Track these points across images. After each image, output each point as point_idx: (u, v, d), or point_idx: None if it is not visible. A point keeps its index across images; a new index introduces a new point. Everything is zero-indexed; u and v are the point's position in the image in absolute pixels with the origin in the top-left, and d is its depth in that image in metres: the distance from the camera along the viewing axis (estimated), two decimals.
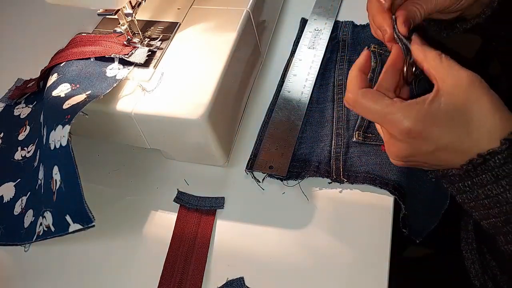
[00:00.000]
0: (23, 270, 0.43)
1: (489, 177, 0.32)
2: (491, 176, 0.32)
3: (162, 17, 0.50)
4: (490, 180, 0.32)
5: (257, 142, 0.47)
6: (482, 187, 0.32)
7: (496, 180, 0.32)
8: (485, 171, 0.32)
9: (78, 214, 0.38)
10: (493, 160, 0.32)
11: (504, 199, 0.32)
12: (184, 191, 0.46)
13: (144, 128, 0.43)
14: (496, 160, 0.32)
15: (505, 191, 0.32)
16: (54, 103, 0.41)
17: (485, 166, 0.32)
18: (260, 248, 0.41)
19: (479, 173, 0.32)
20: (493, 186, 0.32)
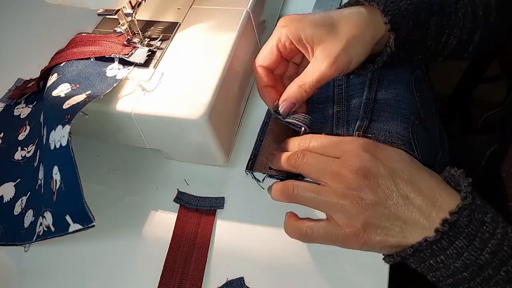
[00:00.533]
0: (23, 270, 0.43)
1: (462, 242, 0.30)
2: (464, 240, 0.30)
3: (162, 17, 0.50)
4: (464, 245, 0.30)
5: (257, 142, 0.47)
6: (459, 257, 0.30)
7: (469, 243, 0.30)
8: (457, 234, 0.30)
9: (78, 214, 0.38)
10: (462, 219, 0.30)
11: (484, 262, 0.30)
12: (184, 191, 0.46)
13: (144, 128, 0.43)
14: (464, 218, 0.30)
15: (481, 252, 0.30)
16: (54, 103, 0.41)
17: (455, 228, 0.30)
18: (260, 248, 0.41)
19: (452, 240, 0.30)
20: (468, 251, 0.30)
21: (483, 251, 0.30)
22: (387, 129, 0.44)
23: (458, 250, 0.30)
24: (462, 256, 0.30)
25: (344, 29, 0.39)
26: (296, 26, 0.39)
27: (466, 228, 0.30)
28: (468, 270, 0.30)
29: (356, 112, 0.46)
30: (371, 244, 0.33)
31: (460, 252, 0.30)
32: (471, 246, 0.30)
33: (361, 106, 0.46)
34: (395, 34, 0.40)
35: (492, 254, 0.30)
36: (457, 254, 0.30)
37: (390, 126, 0.44)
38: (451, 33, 0.43)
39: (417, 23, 0.41)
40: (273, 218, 0.42)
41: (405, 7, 0.40)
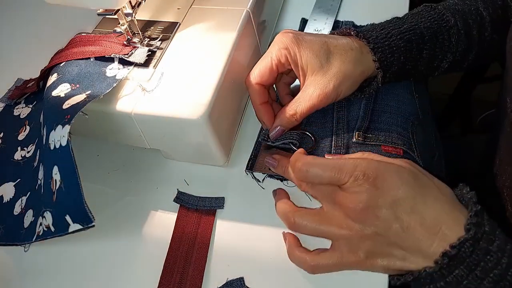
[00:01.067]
0: (23, 270, 0.43)
1: (463, 271, 0.30)
2: (464, 270, 0.30)
3: (162, 17, 0.50)
4: (465, 274, 0.30)
5: (257, 143, 0.47)
6: (458, 285, 0.30)
7: (470, 272, 0.30)
8: (457, 264, 0.30)
9: (78, 214, 0.38)
10: (463, 249, 0.30)
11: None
12: (184, 191, 0.46)
13: (144, 128, 0.43)
14: (466, 249, 0.30)
15: (482, 281, 0.30)
16: (54, 103, 0.41)
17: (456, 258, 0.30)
18: (260, 248, 0.41)
19: (452, 269, 0.30)
20: (468, 280, 0.30)
21: (483, 280, 0.29)
22: (387, 129, 0.44)
23: (458, 278, 0.30)
24: (461, 284, 0.30)
25: (338, 65, 0.40)
26: (295, 51, 0.41)
27: (468, 258, 0.30)
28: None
29: (356, 112, 0.46)
30: (376, 269, 0.35)
31: (459, 281, 0.30)
32: (471, 275, 0.30)
33: (361, 106, 0.46)
34: (382, 72, 0.41)
35: (493, 283, 0.29)
36: (457, 282, 0.30)
37: (390, 126, 0.44)
38: (444, 58, 0.44)
39: (409, 56, 0.42)
40: (273, 218, 0.42)
41: (395, 43, 0.41)
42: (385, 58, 0.41)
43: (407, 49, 0.41)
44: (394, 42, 0.41)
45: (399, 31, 0.42)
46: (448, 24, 0.43)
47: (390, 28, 0.42)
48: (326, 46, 0.41)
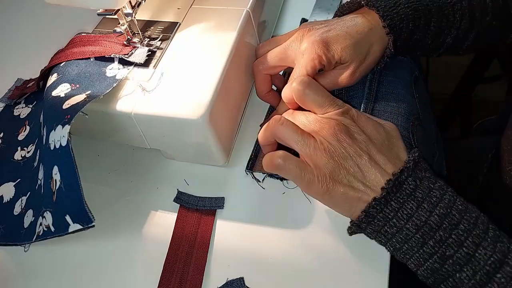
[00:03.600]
0: (23, 270, 0.43)
1: (411, 204, 0.32)
2: (413, 202, 0.32)
3: (162, 17, 0.50)
4: (413, 207, 0.32)
5: (257, 143, 0.47)
6: (409, 218, 0.32)
7: (418, 205, 0.32)
8: (404, 197, 0.32)
9: (78, 214, 0.38)
10: (407, 184, 0.33)
11: (434, 224, 0.32)
12: (184, 191, 0.46)
13: (144, 128, 0.43)
14: (409, 182, 0.33)
15: (431, 214, 0.32)
16: (54, 103, 0.41)
17: (402, 191, 0.33)
18: (260, 248, 0.41)
19: (401, 201, 0.32)
20: (418, 213, 0.32)
21: (432, 213, 0.32)
22: None
23: (408, 211, 0.32)
24: (412, 217, 0.32)
25: (372, 51, 0.43)
26: (326, 57, 0.42)
27: (414, 192, 0.32)
28: (420, 231, 0.32)
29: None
30: (333, 194, 0.35)
31: (410, 213, 0.32)
32: (420, 208, 0.32)
33: (361, 105, 0.46)
34: (393, 36, 0.43)
35: (441, 216, 0.31)
36: (408, 215, 0.32)
37: None
38: (449, 33, 0.45)
39: (417, 25, 0.43)
40: (273, 218, 0.42)
41: (404, 11, 0.43)
42: (394, 25, 0.42)
43: (415, 17, 0.43)
44: (402, 10, 0.42)
45: (406, 0, 0.43)
46: (452, 1, 0.44)
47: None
48: (360, 38, 0.42)
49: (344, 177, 0.35)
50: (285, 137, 0.37)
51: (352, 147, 0.35)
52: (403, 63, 0.50)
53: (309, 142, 0.36)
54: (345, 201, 0.35)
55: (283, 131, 0.37)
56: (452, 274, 0.31)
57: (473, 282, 0.30)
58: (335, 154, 0.35)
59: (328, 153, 0.35)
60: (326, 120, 0.36)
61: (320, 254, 0.39)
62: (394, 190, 0.33)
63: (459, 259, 0.31)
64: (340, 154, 0.35)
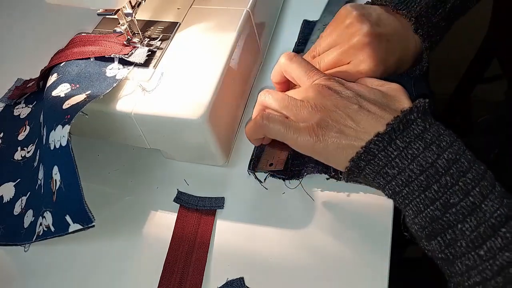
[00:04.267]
0: (23, 270, 0.43)
1: (418, 144, 0.30)
2: (420, 143, 0.30)
3: (162, 17, 0.50)
4: (420, 147, 0.30)
5: None
6: (414, 159, 0.30)
7: (426, 146, 0.30)
8: (412, 137, 0.31)
9: (78, 214, 0.38)
10: (415, 125, 0.31)
11: (441, 167, 0.29)
12: (184, 191, 0.46)
13: (144, 128, 0.43)
14: (418, 123, 0.31)
15: (438, 156, 0.30)
16: (54, 103, 0.41)
17: (409, 131, 0.31)
18: (260, 248, 0.41)
19: (406, 140, 0.31)
20: (424, 154, 0.30)
21: (440, 156, 0.30)
22: None
23: (414, 151, 0.30)
24: (418, 157, 0.30)
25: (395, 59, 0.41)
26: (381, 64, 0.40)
27: (422, 134, 0.30)
28: (425, 173, 0.30)
29: None
30: (325, 143, 0.34)
31: (415, 154, 0.30)
32: (428, 150, 0.30)
33: None
34: (429, 46, 0.42)
35: (449, 161, 0.29)
36: (413, 155, 0.30)
37: None
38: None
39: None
40: (273, 218, 0.42)
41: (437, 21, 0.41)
42: (427, 36, 0.41)
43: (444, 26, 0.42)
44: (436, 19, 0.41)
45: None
46: None
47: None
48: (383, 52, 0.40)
49: (333, 125, 0.34)
50: (273, 104, 0.37)
51: (338, 100, 0.34)
52: None
53: (295, 103, 0.36)
54: (338, 149, 0.33)
55: (271, 98, 0.37)
56: (453, 225, 0.29)
57: (475, 235, 0.28)
58: (321, 107, 0.34)
59: (314, 108, 0.34)
60: (313, 85, 0.36)
61: (320, 254, 0.39)
62: (401, 128, 0.31)
63: (463, 208, 0.28)
64: (326, 106, 0.34)
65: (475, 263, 0.28)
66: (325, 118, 0.34)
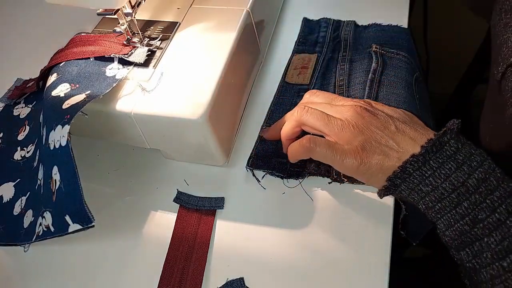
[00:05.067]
0: (23, 270, 0.43)
1: (451, 164, 0.32)
2: (453, 163, 0.32)
3: (161, 16, 0.50)
4: (453, 168, 0.32)
5: (258, 140, 0.47)
6: (447, 178, 0.32)
7: (458, 167, 0.32)
8: (445, 158, 0.32)
9: (77, 214, 0.38)
10: (448, 145, 0.33)
11: (472, 186, 0.31)
12: (184, 191, 0.46)
13: (144, 128, 0.43)
14: (451, 144, 0.33)
15: (469, 176, 0.32)
16: (54, 103, 0.41)
17: (443, 152, 0.33)
18: (260, 248, 0.41)
19: (440, 161, 0.32)
20: (456, 174, 0.32)
21: (471, 176, 0.32)
22: None
23: (446, 171, 0.32)
24: (450, 177, 0.32)
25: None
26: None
27: (455, 155, 0.32)
28: (456, 191, 0.32)
29: None
30: (369, 165, 0.35)
31: (448, 173, 0.32)
32: (459, 170, 0.32)
33: None
34: None
35: (479, 180, 0.31)
36: (446, 175, 0.32)
37: None
38: None
39: None
40: (273, 218, 0.42)
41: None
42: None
43: None
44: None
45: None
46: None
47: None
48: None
49: (376, 147, 0.35)
50: (312, 122, 0.38)
51: (377, 121, 0.36)
52: (404, 64, 0.50)
53: (336, 122, 0.37)
54: (381, 170, 0.35)
55: (310, 117, 0.38)
56: (480, 238, 0.31)
57: (500, 248, 0.31)
58: (363, 129, 0.36)
59: (356, 128, 0.36)
60: (347, 106, 0.38)
61: (320, 254, 0.39)
62: (434, 150, 0.33)
63: (490, 224, 0.31)
64: (368, 127, 0.36)
65: (499, 273, 0.30)
66: (369, 140, 0.35)
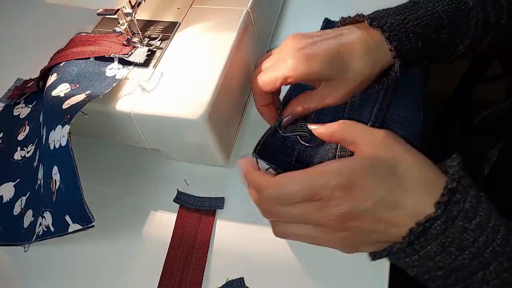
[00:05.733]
0: (23, 270, 0.43)
1: (436, 247, 0.30)
2: (437, 246, 0.30)
3: (161, 16, 0.50)
4: (438, 250, 0.30)
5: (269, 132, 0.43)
6: (432, 259, 0.31)
7: (444, 248, 0.30)
8: (429, 240, 0.30)
9: (77, 214, 0.38)
10: (434, 227, 0.30)
11: (459, 265, 0.30)
12: (184, 191, 0.46)
13: (144, 128, 0.43)
14: (436, 226, 0.30)
15: (457, 257, 0.30)
16: (54, 103, 0.41)
17: (427, 236, 0.30)
18: (260, 248, 0.41)
19: (424, 245, 0.30)
20: (442, 256, 0.30)
21: (459, 257, 0.30)
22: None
23: (430, 253, 0.30)
24: (434, 259, 0.30)
25: (354, 73, 0.39)
26: (306, 67, 0.39)
27: (440, 235, 0.30)
28: (441, 270, 0.31)
29: (367, 116, 0.45)
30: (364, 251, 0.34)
31: (433, 256, 0.30)
32: (445, 252, 0.30)
33: (373, 111, 0.45)
34: (400, 61, 0.39)
35: (469, 259, 0.30)
36: (430, 257, 0.30)
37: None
38: (461, 42, 0.42)
39: (427, 41, 0.40)
40: None
41: (412, 29, 0.39)
42: (401, 46, 0.39)
43: (425, 35, 0.39)
44: (411, 28, 0.39)
45: (416, 16, 0.39)
46: (466, 7, 0.40)
47: (406, 14, 0.40)
48: (339, 56, 0.39)
49: (369, 241, 0.33)
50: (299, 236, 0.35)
51: (362, 232, 0.32)
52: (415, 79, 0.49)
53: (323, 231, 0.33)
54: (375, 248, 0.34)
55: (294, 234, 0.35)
56: None
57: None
58: (350, 241, 0.33)
59: (344, 241, 0.33)
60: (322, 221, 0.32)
61: (320, 254, 0.39)
62: (419, 239, 0.31)
63: None
64: (355, 239, 0.33)
65: None
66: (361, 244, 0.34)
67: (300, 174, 0.33)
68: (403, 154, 0.33)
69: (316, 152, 0.43)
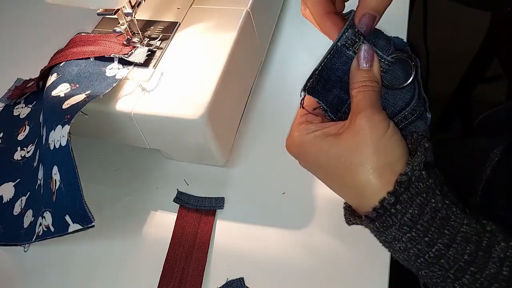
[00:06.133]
0: (23, 270, 0.43)
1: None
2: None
3: (161, 16, 0.50)
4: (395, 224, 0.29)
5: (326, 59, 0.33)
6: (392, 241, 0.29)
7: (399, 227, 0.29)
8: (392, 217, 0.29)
9: (77, 214, 0.38)
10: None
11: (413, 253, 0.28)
12: (184, 191, 0.46)
13: (144, 128, 0.43)
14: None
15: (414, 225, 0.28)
16: (54, 103, 0.41)
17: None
18: (260, 248, 0.41)
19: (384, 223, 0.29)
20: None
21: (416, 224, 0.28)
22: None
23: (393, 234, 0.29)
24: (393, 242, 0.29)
25: None
26: None
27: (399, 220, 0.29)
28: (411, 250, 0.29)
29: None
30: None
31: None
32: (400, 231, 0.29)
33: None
34: None
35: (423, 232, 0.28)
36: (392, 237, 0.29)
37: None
38: None
39: None
40: (273, 218, 0.42)
41: None
42: None
43: None
44: None
45: None
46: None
47: None
48: None
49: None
50: None
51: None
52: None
53: None
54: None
55: None
56: None
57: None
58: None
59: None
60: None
61: (320, 254, 0.39)
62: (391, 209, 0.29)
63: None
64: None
65: None
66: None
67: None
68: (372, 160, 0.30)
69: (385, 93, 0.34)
